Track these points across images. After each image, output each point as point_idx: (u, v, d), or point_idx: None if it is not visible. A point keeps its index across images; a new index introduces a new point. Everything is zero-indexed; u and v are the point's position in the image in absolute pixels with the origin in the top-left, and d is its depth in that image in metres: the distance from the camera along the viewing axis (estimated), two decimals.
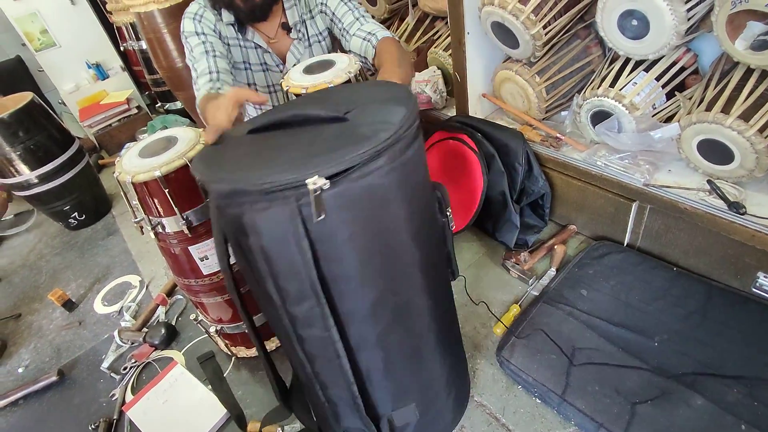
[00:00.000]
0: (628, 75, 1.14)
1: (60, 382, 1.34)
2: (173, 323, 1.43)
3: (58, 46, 2.53)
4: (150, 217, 0.96)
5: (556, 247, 1.31)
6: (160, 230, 0.97)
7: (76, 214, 1.93)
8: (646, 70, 1.14)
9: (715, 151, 1.02)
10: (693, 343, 1.00)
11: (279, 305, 0.69)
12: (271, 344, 1.27)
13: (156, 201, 0.93)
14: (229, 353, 1.28)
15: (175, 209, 0.92)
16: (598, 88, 1.16)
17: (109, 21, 2.60)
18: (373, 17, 1.73)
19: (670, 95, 1.16)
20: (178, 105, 2.65)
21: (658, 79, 1.13)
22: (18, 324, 1.60)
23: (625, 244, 1.26)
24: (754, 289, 1.05)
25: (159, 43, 2.03)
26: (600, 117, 1.20)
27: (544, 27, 1.15)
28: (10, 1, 2.34)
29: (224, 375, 1.21)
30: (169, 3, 1.89)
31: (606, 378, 0.97)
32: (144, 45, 2.17)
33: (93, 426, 1.18)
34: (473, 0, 1.25)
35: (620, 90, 1.13)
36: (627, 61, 1.15)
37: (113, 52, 2.79)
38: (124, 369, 1.33)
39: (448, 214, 0.87)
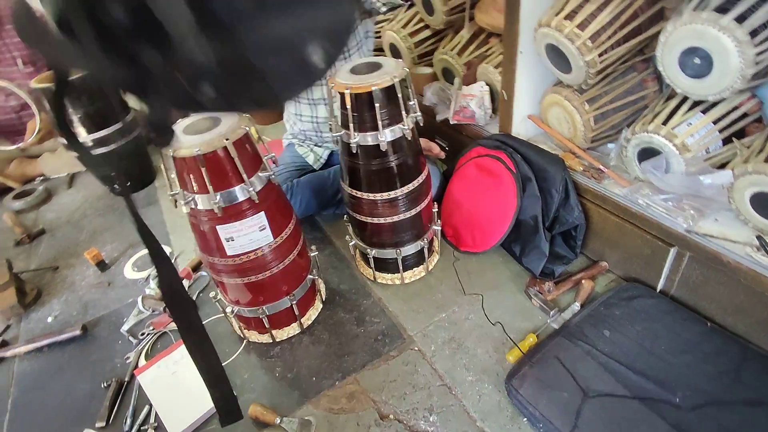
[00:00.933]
0: (684, 114, 1.09)
1: (82, 336, 1.41)
2: (194, 298, 1.47)
3: None
4: (185, 192, 1.00)
5: (583, 281, 1.26)
6: (193, 206, 1.01)
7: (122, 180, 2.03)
8: (704, 111, 1.08)
9: None
10: (719, 406, 0.94)
11: None
12: (282, 333, 1.28)
13: (192, 177, 0.97)
14: (241, 335, 1.31)
15: (209, 188, 0.95)
16: (649, 123, 1.12)
17: None
18: (427, 27, 1.75)
19: (727, 141, 1.10)
20: None
21: (715, 122, 1.08)
22: (54, 276, 1.69)
23: (657, 290, 1.20)
24: None
25: None
26: (647, 154, 1.15)
27: (600, 55, 1.12)
28: None
29: (233, 356, 1.24)
30: None
31: (618, 426, 0.92)
32: None
33: (105, 384, 1.23)
34: (530, 20, 1.23)
35: (673, 129, 1.08)
36: (684, 99, 1.10)
37: None
38: (142, 334, 1.38)
39: None
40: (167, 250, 1.71)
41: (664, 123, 1.10)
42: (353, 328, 1.29)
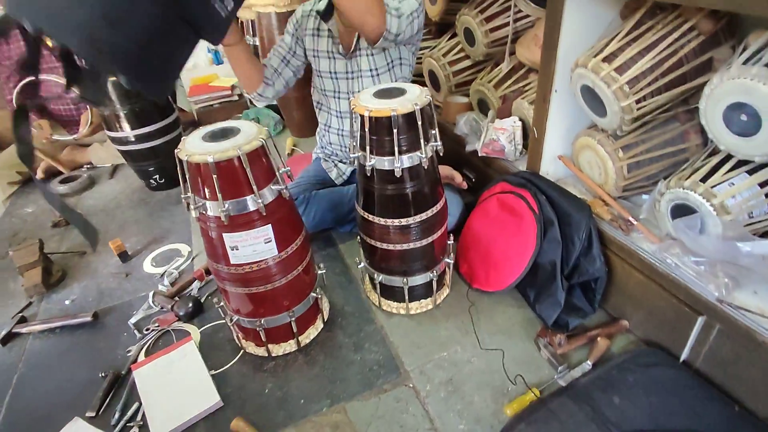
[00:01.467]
0: (726, 173, 1.00)
1: (93, 323, 1.45)
2: (202, 300, 1.49)
3: None
4: (196, 197, 1.01)
5: (599, 339, 1.17)
6: (203, 211, 1.02)
7: (157, 176, 2.12)
8: (750, 172, 0.99)
9: None
10: None
11: None
12: (278, 348, 1.26)
13: (204, 184, 0.98)
14: (239, 345, 1.30)
15: (219, 195, 0.96)
16: (686, 179, 1.04)
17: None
18: (468, 57, 1.74)
19: None
20: (274, 101, 2.83)
21: (762, 185, 0.98)
22: (80, 260, 1.76)
23: (680, 360, 1.10)
24: None
25: (268, 42, 2.20)
26: (682, 211, 1.06)
27: (638, 102, 1.06)
28: None
29: (228, 365, 1.23)
30: (286, 8, 2.04)
31: None
32: (257, 41, 2.36)
33: (103, 374, 1.25)
34: (568, 58, 1.19)
35: (712, 187, 0.99)
36: (728, 157, 1.02)
37: None
38: (147, 329, 1.40)
39: None
40: (186, 249, 1.75)
41: (703, 180, 1.02)
42: (350, 354, 1.26)
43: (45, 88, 2.23)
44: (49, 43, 0.70)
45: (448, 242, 1.34)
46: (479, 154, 1.62)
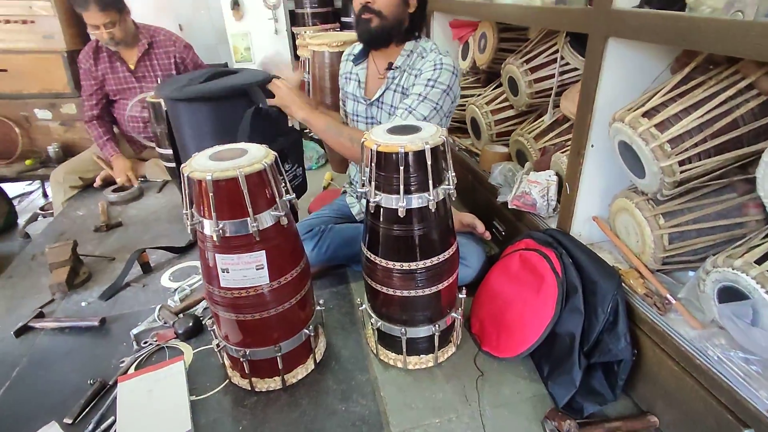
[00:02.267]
0: None
1: (99, 328, 1.46)
2: (204, 321, 1.46)
3: (252, 63, 3.04)
4: (195, 213, 1.01)
5: None
6: (199, 228, 1.01)
7: None
8: None
9: None
10: None
11: None
12: (263, 384, 1.19)
13: (202, 201, 0.97)
14: (226, 373, 1.25)
15: (213, 215, 0.95)
16: (738, 257, 0.88)
17: (297, 52, 3.04)
18: (511, 107, 1.71)
19: None
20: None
21: None
22: (107, 265, 1.83)
23: None
24: None
25: (319, 80, 2.28)
26: (730, 295, 0.90)
27: (681, 164, 0.93)
28: (233, 21, 2.93)
29: (210, 393, 1.18)
30: (338, 48, 2.12)
31: None
32: (309, 77, 2.46)
33: (91, 381, 1.24)
34: (607, 112, 1.09)
35: None
36: None
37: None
38: (145, 343, 1.39)
39: None
40: None
41: (759, 261, 0.86)
42: (335, 403, 1.15)
43: (121, 106, 2.43)
44: None
45: (459, 295, 1.24)
46: (509, 206, 1.52)
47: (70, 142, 2.76)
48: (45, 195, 3.32)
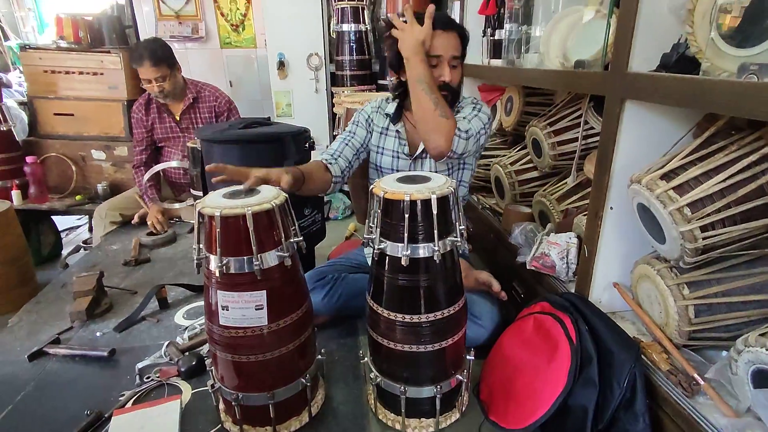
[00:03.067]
0: None
1: (107, 359, 1.47)
2: (207, 361, 1.44)
3: (292, 118, 3.24)
4: (203, 248, 1.03)
5: None
6: (205, 264, 1.03)
7: None
8: None
9: None
10: None
11: None
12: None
13: (209, 236, 1.00)
14: (219, 417, 1.21)
15: (218, 250, 0.97)
16: None
17: (333, 110, 3.22)
18: (536, 168, 1.71)
19: None
20: (347, 187, 2.99)
21: None
22: (129, 298, 1.87)
23: None
24: None
25: None
26: (766, 379, 0.80)
27: (704, 230, 0.87)
28: (278, 79, 3.18)
29: None
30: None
31: None
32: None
33: (88, 412, 1.23)
34: (625, 174, 1.06)
35: None
36: None
37: (327, 133, 3.45)
38: (147, 377, 1.38)
39: None
40: None
41: None
42: None
43: (166, 153, 2.62)
44: None
45: (467, 357, 1.17)
46: (528, 267, 1.46)
47: (118, 181, 2.97)
48: (90, 229, 3.53)
